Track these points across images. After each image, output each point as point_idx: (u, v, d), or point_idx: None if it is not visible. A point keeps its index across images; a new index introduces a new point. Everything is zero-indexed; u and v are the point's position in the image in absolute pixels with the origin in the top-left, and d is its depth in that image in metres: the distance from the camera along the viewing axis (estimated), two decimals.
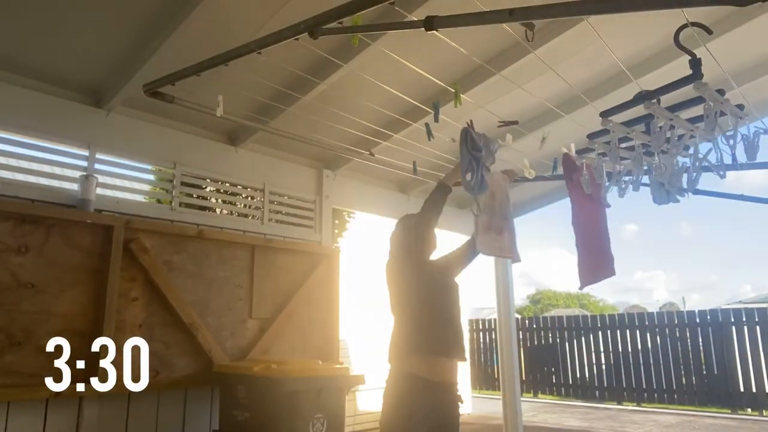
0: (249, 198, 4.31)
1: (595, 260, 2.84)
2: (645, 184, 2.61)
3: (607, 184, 2.59)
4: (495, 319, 5.66)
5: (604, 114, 2.35)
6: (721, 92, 2.16)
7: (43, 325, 2.90)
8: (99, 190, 3.28)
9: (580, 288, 2.83)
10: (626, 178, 2.56)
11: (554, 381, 10.00)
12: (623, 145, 2.51)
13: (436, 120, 2.59)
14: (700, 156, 2.39)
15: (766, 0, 1.45)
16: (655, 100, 2.22)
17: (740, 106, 2.22)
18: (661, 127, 2.30)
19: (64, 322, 2.98)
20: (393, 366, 2.38)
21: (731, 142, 2.23)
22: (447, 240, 2.92)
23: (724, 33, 3.00)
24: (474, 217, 2.56)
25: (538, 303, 33.79)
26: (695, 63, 2.09)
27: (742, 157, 2.34)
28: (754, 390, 7.88)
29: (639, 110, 2.31)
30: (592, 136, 2.60)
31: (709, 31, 2.08)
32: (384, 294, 2.54)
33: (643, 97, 2.25)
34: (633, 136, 2.40)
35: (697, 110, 2.31)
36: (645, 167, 2.54)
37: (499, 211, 2.70)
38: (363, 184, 5.09)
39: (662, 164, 2.45)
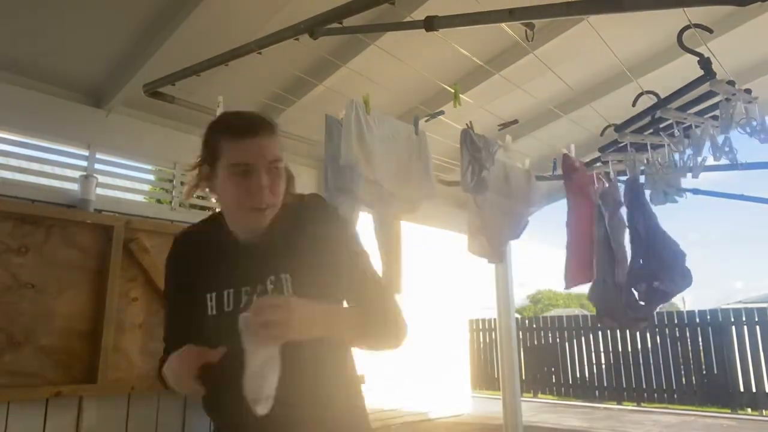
0: None
1: (582, 263, 2.88)
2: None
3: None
4: (495, 319, 5.65)
5: (619, 129, 2.37)
6: (731, 83, 2.17)
7: (43, 325, 2.90)
8: (99, 190, 3.28)
9: (566, 288, 2.95)
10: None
11: (554, 381, 9.99)
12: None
13: (417, 133, 2.49)
14: (719, 146, 2.39)
15: (766, 0, 1.45)
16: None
17: (748, 90, 2.24)
18: (673, 128, 2.32)
19: (64, 322, 2.97)
20: None
21: (747, 129, 2.25)
22: (445, 239, 2.90)
23: (724, 33, 3.00)
24: (469, 218, 2.58)
25: (538, 303, 33.80)
26: (706, 63, 2.10)
27: (745, 152, 2.36)
28: (754, 390, 7.88)
29: (642, 105, 2.31)
30: (603, 149, 2.62)
31: (709, 31, 2.08)
32: None
33: (657, 105, 2.26)
34: (647, 140, 2.42)
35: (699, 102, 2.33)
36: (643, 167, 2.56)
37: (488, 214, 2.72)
38: None
39: (671, 163, 2.47)
